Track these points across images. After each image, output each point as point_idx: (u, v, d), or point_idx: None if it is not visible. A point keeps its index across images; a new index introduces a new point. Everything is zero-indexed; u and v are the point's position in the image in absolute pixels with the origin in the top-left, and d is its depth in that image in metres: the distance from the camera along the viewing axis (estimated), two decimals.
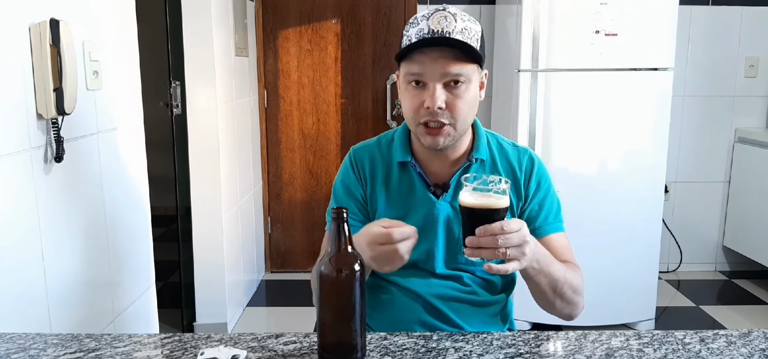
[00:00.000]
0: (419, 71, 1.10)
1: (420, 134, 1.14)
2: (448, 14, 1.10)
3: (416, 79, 1.11)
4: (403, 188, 1.22)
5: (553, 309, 1.17)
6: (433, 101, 1.09)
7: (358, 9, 3.35)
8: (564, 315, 1.18)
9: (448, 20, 1.09)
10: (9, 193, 1.13)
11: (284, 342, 0.95)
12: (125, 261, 1.58)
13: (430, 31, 1.08)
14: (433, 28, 1.08)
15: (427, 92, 1.10)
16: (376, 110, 3.45)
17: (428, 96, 1.10)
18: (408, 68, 1.11)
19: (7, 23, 1.12)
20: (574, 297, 1.15)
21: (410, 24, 1.13)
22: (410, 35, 1.11)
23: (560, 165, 2.63)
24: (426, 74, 1.10)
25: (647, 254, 2.74)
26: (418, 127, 1.14)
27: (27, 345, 0.95)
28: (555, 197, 1.25)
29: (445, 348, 0.92)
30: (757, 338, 0.97)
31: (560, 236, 1.22)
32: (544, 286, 1.10)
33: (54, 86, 1.20)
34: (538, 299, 1.16)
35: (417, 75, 1.11)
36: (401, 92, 1.17)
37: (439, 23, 1.08)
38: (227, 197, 2.76)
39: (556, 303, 1.14)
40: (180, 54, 2.54)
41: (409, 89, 1.13)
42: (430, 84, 1.10)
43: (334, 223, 0.86)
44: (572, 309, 1.17)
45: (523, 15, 2.56)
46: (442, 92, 1.10)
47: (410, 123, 1.16)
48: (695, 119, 3.43)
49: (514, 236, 0.95)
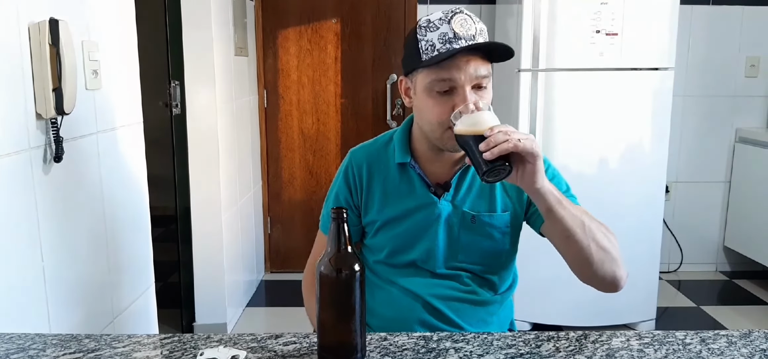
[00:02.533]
0: (450, 76, 1.07)
1: (447, 139, 1.10)
2: (467, 17, 1.09)
3: (447, 86, 1.08)
4: (402, 189, 1.22)
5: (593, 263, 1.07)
6: (468, 107, 1.06)
7: (358, 9, 3.34)
8: (607, 273, 1.09)
9: (469, 23, 1.08)
10: (8, 193, 1.12)
11: (284, 342, 0.95)
12: (125, 261, 1.58)
13: (456, 35, 1.07)
14: (458, 31, 1.07)
15: (457, 97, 1.08)
16: (376, 109, 3.44)
17: (460, 100, 1.07)
18: (437, 75, 1.08)
19: (7, 23, 1.12)
20: (608, 245, 1.08)
21: (426, 28, 1.09)
22: (431, 40, 1.08)
23: (561, 165, 2.58)
24: (457, 79, 1.07)
25: (648, 255, 2.74)
26: (446, 132, 1.10)
27: (26, 346, 0.94)
28: (562, 179, 1.23)
29: (445, 348, 0.92)
30: (757, 338, 0.96)
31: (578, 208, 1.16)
32: (569, 224, 1.05)
33: (53, 86, 1.20)
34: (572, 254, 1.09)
35: (448, 81, 1.08)
36: (420, 98, 1.13)
37: (462, 26, 1.07)
38: (227, 197, 2.76)
39: (592, 248, 1.06)
40: (179, 54, 2.54)
41: (433, 96, 1.10)
42: (459, 89, 1.08)
43: (333, 223, 0.86)
44: (613, 265, 1.09)
45: (524, 15, 2.56)
46: (472, 94, 1.08)
47: (434, 130, 1.12)
48: (696, 119, 3.43)
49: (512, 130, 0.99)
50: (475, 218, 1.18)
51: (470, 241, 1.19)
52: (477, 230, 1.19)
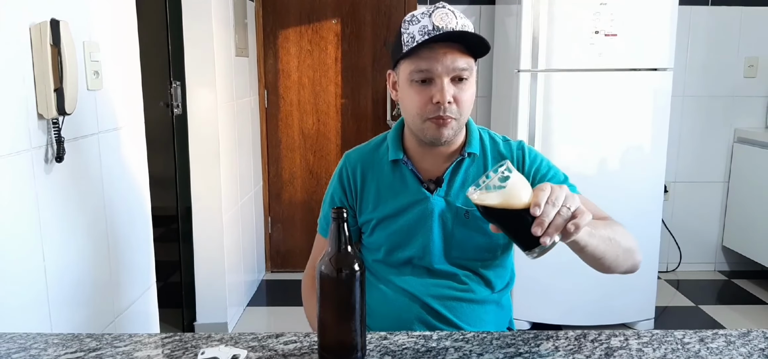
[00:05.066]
0: (428, 67, 1.10)
1: (426, 129, 1.14)
2: (449, 11, 1.12)
3: (424, 76, 1.11)
4: (395, 186, 1.23)
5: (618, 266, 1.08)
6: (443, 96, 1.10)
7: (358, 9, 3.35)
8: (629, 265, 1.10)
9: (450, 17, 1.10)
10: (10, 193, 1.13)
11: (284, 341, 0.95)
12: (126, 261, 1.58)
13: (435, 27, 1.09)
14: (437, 24, 1.09)
15: (434, 88, 1.11)
16: (376, 110, 3.45)
17: (437, 91, 1.10)
18: (415, 65, 1.11)
19: (8, 23, 1.12)
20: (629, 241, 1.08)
21: (409, 22, 1.13)
22: (412, 33, 1.11)
23: (560, 165, 2.58)
24: (434, 70, 1.10)
25: (647, 254, 2.72)
26: (425, 123, 1.14)
27: (28, 345, 0.95)
28: (557, 169, 1.24)
29: (444, 348, 0.93)
30: (756, 338, 0.97)
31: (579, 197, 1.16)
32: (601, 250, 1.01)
33: (54, 86, 1.21)
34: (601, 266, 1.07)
35: (425, 71, 1.11)
36: (403, 90, 1.17)
37: (442, 20, 1.09)
38: (227, 197, 2.76)
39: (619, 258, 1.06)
40: (180, 54, 2.55)
41: (413, 87, 1.13)
42: (437, 80, 1.11)
43: (334, 223, 0.86)
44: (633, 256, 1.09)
45: (523, 15, 2.57)
46: (450, 86, 1.11)
47: (415, 120, 1.16)
48: (695, 119, 3.43)
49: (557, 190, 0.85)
50: (468, 213, 1.19)
51: (464, 236, 1.20)
52: (471, 225, 1.19)
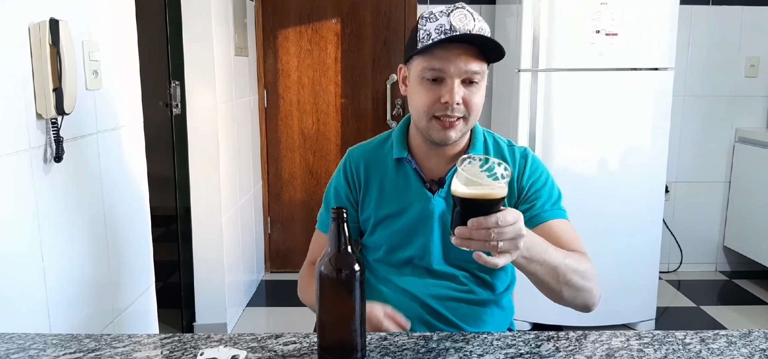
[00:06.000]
0: (440, 66, 1.10)
1: (432, 128, 1.14)
2: (468, 13, 1.11)
3: (436, 75, 1.11)
4: (399, 185, 1.22)
5: (563, 299, 1.09)
6: (452, 97, 1.09)
7: (358, 9, 3.35)
8: (579, 304, 1.11)
9: (469, 18, 1.10)
10: (8, 193, 1.12)
11: (284, 342, 0.95)
12: (125, 261, 1.58)
13: (452, 27, 1.08)
14: (455, 24, 1.08)
15: (444, 88, 1.10)
16: (376, 109, 3.44)
17: (446, 91, 1.10)
18: (428, 63, 1.11)
19: (7, 23, 1.12)
20: (584, 283, 1.08)
21: (427, 19, 1.12)
22: (429, 30, 1.10)
23: (560, 165, 2.63)
24: (446, 70, 1.09)
25: (648, 255, 2.74)
26: (431, 121, 1.13)
27: (26, 345, 0.94)
28: (554, 186, 1.22)
29: (445, 348, 0.92)
30: (757, 338, 0.97)
31: (562, 223, 1.17)
32: (542, 275, 1.04)
33: (53, 86, 1.20)
34: (543, 290, 1.09)
35: (437, 70, 1.10)
36: (412, 86, 1.16)
37: (460, 20, 1.09)
38: (227, 197, 2.76)
39: (564, 291, 1.07)
40: (180, 54, 2.54)
41: (423, 84, 1.13)
42: (448, 80, 1.10)
43: (334, 223, 0.86)
44: (586, 296, 1.10)
45: (523, 15, 2.56)
46: (460, 87, 1.10)
47: (421, 117, 1.15)
48: (695, 119, 3.43)
49: (509, 229, 0.88)
50: None
51: None
52: None
